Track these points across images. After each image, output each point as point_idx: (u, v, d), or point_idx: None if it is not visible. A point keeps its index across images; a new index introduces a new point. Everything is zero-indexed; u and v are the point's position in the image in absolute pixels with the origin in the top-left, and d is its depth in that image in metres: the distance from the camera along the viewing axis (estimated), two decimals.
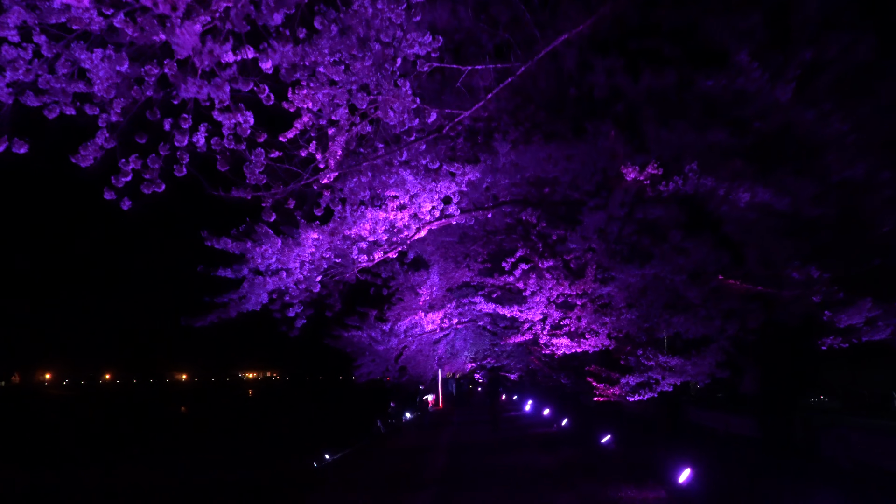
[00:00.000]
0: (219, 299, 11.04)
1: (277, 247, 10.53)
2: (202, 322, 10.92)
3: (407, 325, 23.33)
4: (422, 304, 22.77)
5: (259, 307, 11.50)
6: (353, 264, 11.36)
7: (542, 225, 16.14)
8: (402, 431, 29.89)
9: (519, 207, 13.55)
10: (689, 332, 11.59)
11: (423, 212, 11.11)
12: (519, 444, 20.78)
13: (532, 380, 37.16)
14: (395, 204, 10.72)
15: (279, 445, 32.51)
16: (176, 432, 45.54)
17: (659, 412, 19.30)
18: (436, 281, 22.32)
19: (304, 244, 10.52)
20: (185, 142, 6.97)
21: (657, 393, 12.64)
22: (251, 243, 10.50)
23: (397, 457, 19.73)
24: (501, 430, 25.92)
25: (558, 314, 16.77)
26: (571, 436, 21.98)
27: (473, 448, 20.30)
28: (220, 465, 26.01)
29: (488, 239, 20.45)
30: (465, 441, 22.84)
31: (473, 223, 13.73)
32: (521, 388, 45.26)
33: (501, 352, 34.20)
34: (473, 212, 12.04)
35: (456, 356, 33.74)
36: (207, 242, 10.47)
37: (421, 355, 29.87)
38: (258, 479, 21.46)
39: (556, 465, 15.77)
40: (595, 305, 16.44)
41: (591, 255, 15.46)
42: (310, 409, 70.35)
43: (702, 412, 20.36)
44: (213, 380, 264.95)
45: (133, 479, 23.08)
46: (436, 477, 14.97)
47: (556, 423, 25.46)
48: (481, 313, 23.78)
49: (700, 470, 11.35)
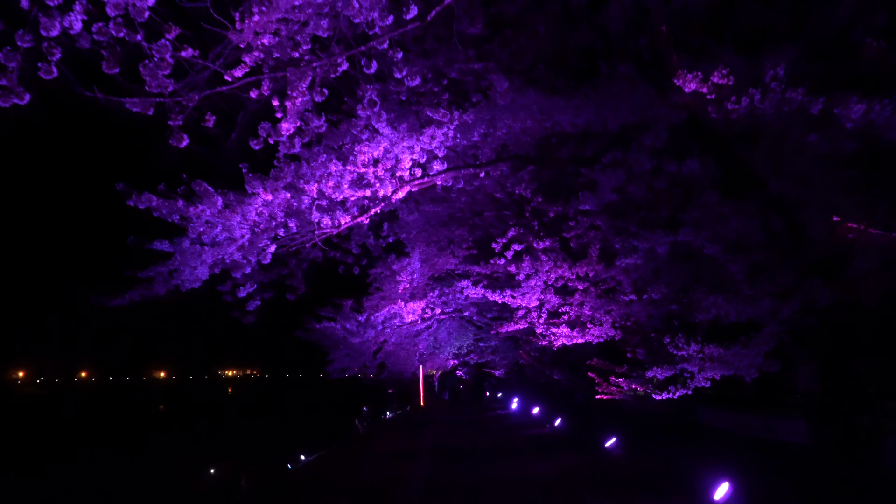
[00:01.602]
0: (143, 273, 8.80)
1: (218, 206, 8.31)
2: (119, 301, 8.65)
3: (385, 315, 21.25)
4: (401, 292, 20.75)
5: (198, 284, 9.27)
6: (316, 231, 9.14)
7: (538, 200, 14.13)
8: (381, 431, 28.25)
9: (517, 167, 11.43)
10: (729, 315, 9.42)
11: (402, 167, 8.97)
12: (510, 449, 18.48)
13: (519, 376, 35.34)
14: (367, 157, 8.55)
15: (255, 445, 31.57)
16: (151, 431, 44.74)
17: (670, 411, 17.09)
18: (417, 267, 20.29)
19: (250, 203, 8.31)
20: (54, 29, 4.86)
21: (691, 390, 10.41)
22: (183, 202, 8.26)
23: (374, 464, 17.49)
24: (489, 432, 23.79)
25: (557, 300, 14.73)
26: (568, 438, 19.79)
27: (459, 454, 18.05)
28: (190, 465, 24.55)
29: (475, 223, 18.64)
30: (450, 444, 20.58)
31: (462, 186, 11.60)
32: (508, 385, 43.33)
33: (486, 347, 33.11)
34: (463, 169, 9.87)
35: (438, 351, 31.82)
36: (129, 202, 8.23)
37: (401, 350, 27.76)
38: (228, 480, 19.72)
39: (556, 475, 13.53)
40: (599, 290, 14.40)
41: (595, 233, 13.47)
42: (288, 407, 69.58)
43: (715, 412, 18.01)
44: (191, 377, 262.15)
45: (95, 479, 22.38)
46: (416, 491, 12.81)
47: (549, 423, 23.35)
48: (467, 302, 21.75)
49: (741, 484, 9.23)
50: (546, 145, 11.44)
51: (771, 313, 8.77)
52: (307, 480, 15.75)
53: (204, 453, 29.00)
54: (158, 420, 58.74)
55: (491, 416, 31.90)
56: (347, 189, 8.32)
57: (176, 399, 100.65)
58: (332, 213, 9.24)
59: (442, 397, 48.42)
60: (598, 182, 9.21)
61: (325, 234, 9.57)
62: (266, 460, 22.81)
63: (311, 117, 6.75)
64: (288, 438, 30.56)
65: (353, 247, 11.95)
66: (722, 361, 9.50)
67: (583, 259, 13.69)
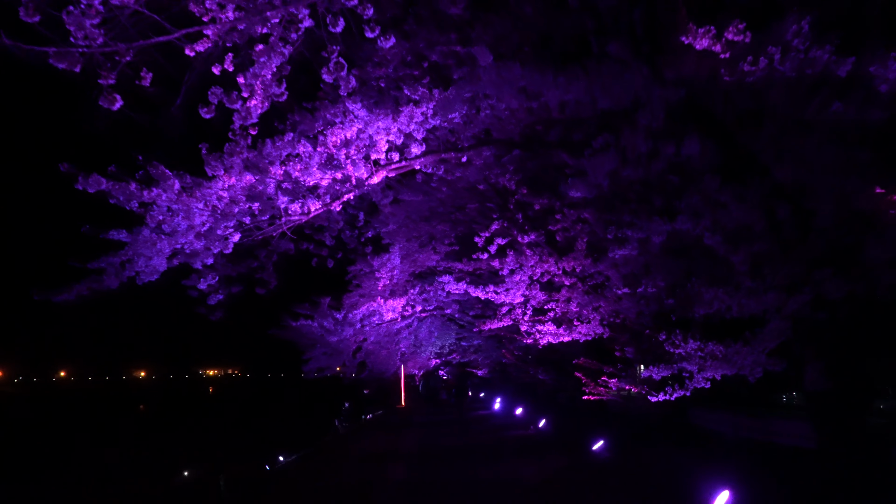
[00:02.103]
0: (93, 264, 8.01)
1: (175, 189, 7.56)
2: (65, 295, 7.85)
3: (363, 312, 20.55)
4: (381, 289, 20.09)
5: (155, 276, 8.49)
6: (283, 218, 8.40)
7: (523, 192, 13.47)
8: (362, 432, 27.45)
9: (501, 154, 10.74)
10: (730, 309, 8.76)
11: (377, 150, 8.27)
12: (494, 451, 17.73)
13: (502, 376, 34.72)
14: (338, 138, 7.84)
15: (234, 446, 31.35)
16: (130, 431, 44.77)
17: (660, 412, 16.43)
18: (397, 263, 19.62)
19: (210, 186, 7.56)
20: None
21: (690, 391, 9.73)
22: (136, 185, 7.49)
23: (353, 467, 16.75)
24: (471, 433, 23.08)
25: (542, 296, 14.08)
26: (554, 440, 19.08)
27: (441, 456, 17.32)
28: (166, 467, 24.29)
29: (457, 219, 18.01)
30: (432, 446, 19.86)
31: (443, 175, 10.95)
32: (490, 385, 42.70)
33: (469, 346, 32.57)
34: (443, 153, 9.18)
35: (419, 351, 31.13)
36: (77, 185, 7.44)
37: (382, 349, 27.03)
38: (204, 482, 19.48)
39: (542, 480, 12.83)
40: (586, 286, 13.77)
41: (582, 226, 12.84)
42: (269, 406, 69.32)
43: (707, 413, 17.32)
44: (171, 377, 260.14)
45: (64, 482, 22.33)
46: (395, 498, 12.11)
47: (533, 424, 22.67)
48: (449, 299, 21.08)
49: (742, 492, 8.59)
50: (532, 133, 10.78)
51: (776, 307, 8.12)
52: (284, 483, 15.04)
53: (181, 455, 28.74)
54: (138, 420, 58.11)
55: (473, 416, 31.18)
56: (317, 171, 7.60)
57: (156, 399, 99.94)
58: (302, 199, 8.55)
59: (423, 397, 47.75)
60: (589, 168, 8.51)
61: (294, 223, 8.85)
62: (244, 461, 22.46)
63: (271, 83, 6.05)
64: (267, 439, 30.25)
65: (328, 238, 11.25)
66: (724, 359, 8.81)
67: (570, 253, 13.08)
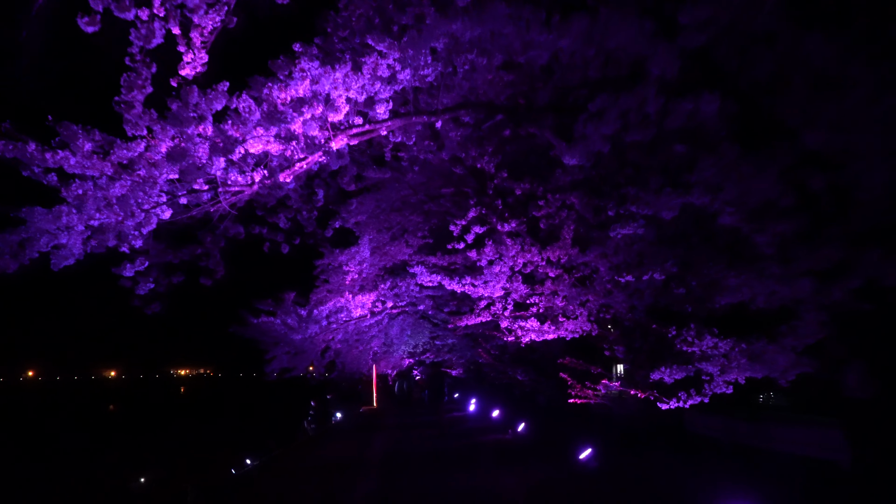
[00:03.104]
0: None
1: (85, 150, 6.12)
2: None
3: (330, 309, 19.15)
4: (349, 284, 18.79)
5: (72, 260, 7.02)
6: (220, 189, 7.00)
7: (503, 176, 12.23)
8: (331, 435, 26.60)
9: (481, 122, 9.44)
10: (756, 299, 7.47)
11: (337, 111, 6.91)
12: (470, 457, 16.31)
13: (477, 376, 33.57)
14: (286, 95, 6.47)
15: (202, 448, 32.11)
16: (96, 432, 44.99)
17: (651, 417, 15.06)
18: (366, 256, 18.33)
19: (128, 147, 6.13)
20: None
21: (708, 397, 8.43)
22: (36, 145, 6.04)
23: (317, 476, 15.31)
24: (447, 436, 21.75)
25: (525, 289, 12.82)
26: (534, 446, 17.64)
27: (413, 462, 15.93)
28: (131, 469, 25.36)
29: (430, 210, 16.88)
30: (404, 451, 18.49)
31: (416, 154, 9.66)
32: (465, 386, 41.49)
33: (443, 345, 31.47)
34: (414, 116, 7.83)
35: (391, 350, 29.90)
36: None
37: (352, 348, 25.63)
38: (166, 487, 20.32)
39: (526, 494, 11.48)
40: (572, 278, 12.53)
41: (567, 212, 11.61)
42: (238, 407, 69.05)
43: (705, 418, 15.70)
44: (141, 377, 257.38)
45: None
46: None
47: (511, 427, 21.35)
48: (422, 294, 19.81)
49: None
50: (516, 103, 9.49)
51: (813, 296, 6.81)
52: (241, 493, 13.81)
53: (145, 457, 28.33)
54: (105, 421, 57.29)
55: (448, 418, 29.94)
56: (259, 129, 6.22)
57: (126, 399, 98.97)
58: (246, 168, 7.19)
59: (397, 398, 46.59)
60: (588, 131, 7.17)
61: (238, 197, 7.47)
62: (208, 467, 21.98)
63: None
64: (234, 442, 29.77)
65: (282, 220, 9.88)
66: (753, 359, 7.50)
67: (554, 242, 11.85)
